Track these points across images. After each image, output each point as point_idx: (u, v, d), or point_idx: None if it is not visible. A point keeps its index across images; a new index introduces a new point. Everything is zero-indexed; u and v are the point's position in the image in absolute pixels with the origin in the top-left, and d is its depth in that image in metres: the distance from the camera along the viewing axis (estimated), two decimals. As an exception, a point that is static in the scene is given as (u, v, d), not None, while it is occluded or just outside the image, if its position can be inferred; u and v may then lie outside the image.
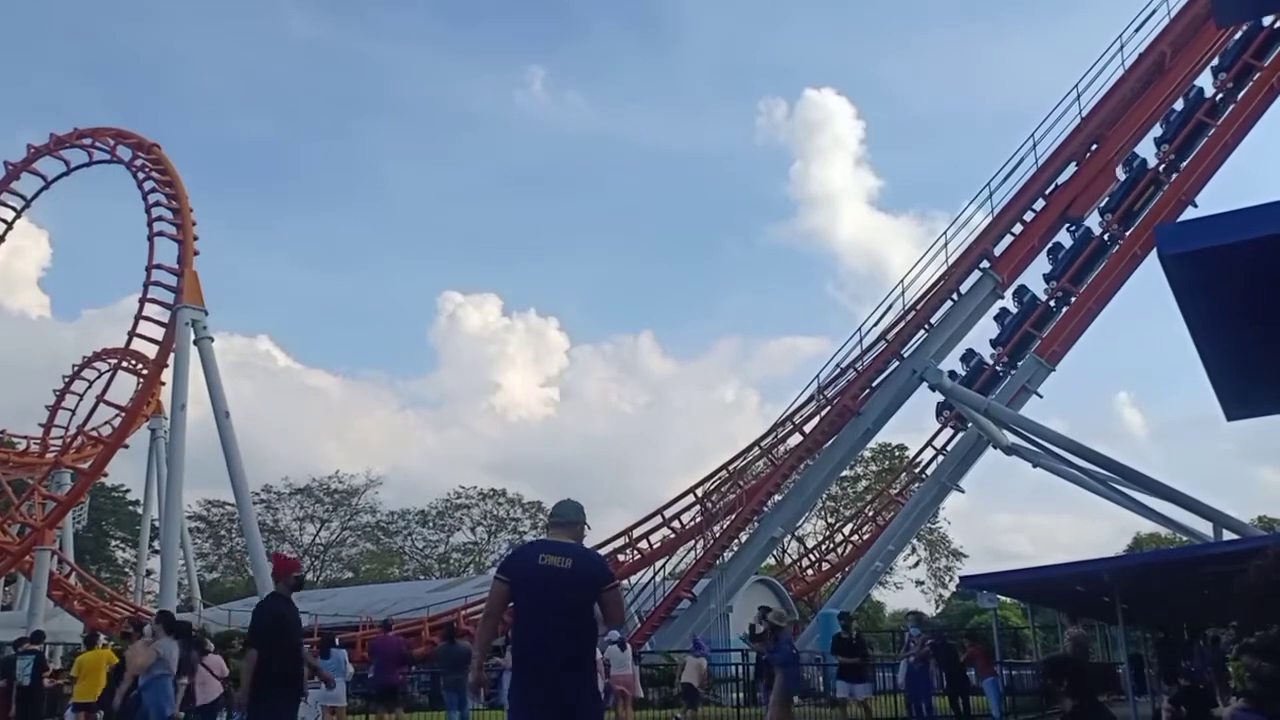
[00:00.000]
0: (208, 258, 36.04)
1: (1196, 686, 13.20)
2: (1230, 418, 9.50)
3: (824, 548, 44.04)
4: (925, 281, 28.37)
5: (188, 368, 33.73)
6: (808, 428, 29.87)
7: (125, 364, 38.70)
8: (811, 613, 35.58)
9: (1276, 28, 25.87)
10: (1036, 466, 25.62)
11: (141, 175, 37.07)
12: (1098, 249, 27.62)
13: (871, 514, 41.33)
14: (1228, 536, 20.93)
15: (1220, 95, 26.75)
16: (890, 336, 28.59)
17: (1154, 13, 27.31)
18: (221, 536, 66.34)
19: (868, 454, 52.70)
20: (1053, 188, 28.05)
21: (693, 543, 32.24)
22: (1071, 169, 27.96)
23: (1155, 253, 5.81)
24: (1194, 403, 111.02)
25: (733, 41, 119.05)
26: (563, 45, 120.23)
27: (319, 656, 14.68)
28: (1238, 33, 25.85)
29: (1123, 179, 27.61)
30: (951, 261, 27.85)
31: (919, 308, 28.14)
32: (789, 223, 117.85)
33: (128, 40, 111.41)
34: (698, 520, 32.40)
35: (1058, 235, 28.35)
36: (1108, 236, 27.72)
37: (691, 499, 33.69)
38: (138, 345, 36.37)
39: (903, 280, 28.72)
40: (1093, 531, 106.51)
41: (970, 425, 27.68)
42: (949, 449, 31.03)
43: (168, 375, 35.77)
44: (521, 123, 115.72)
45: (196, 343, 34.18)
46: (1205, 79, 27.38)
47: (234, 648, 22.94)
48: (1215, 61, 27.20)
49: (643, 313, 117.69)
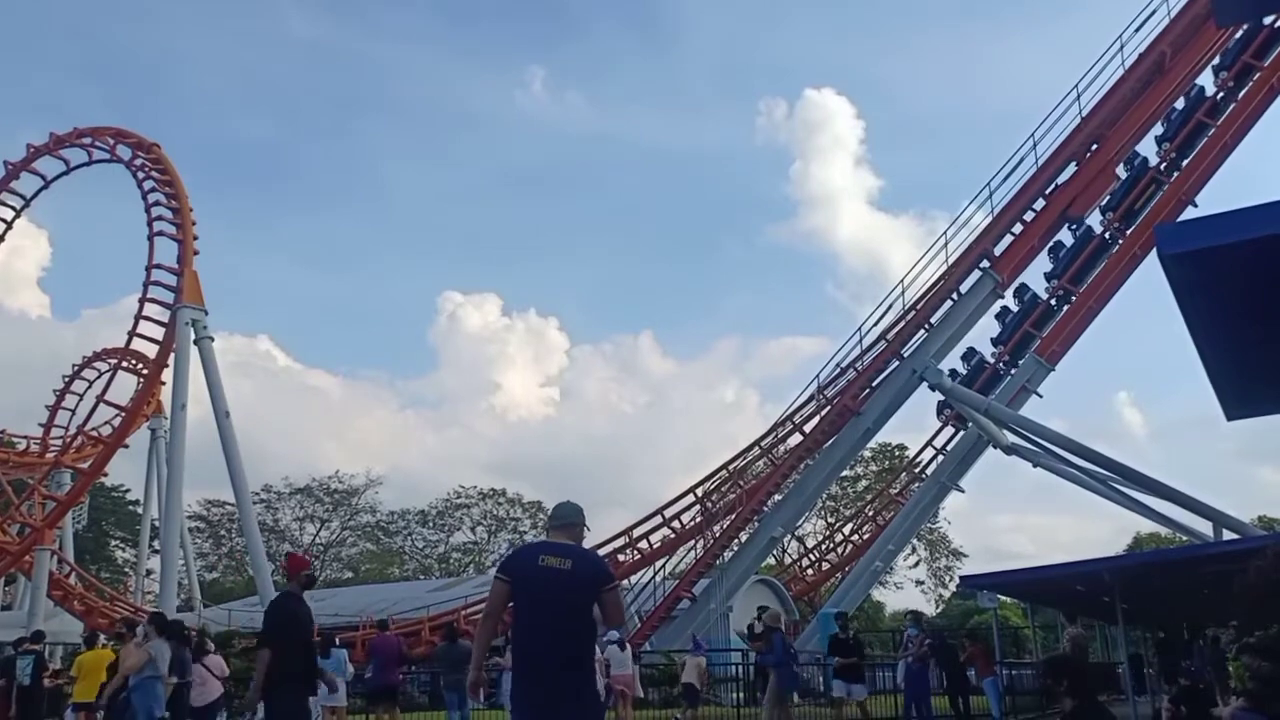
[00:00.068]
0: (208, 257, 36.06)
1: (1196, 686, 13.19)
2: (1230, 417, 9.52)
3: (824, 547, 44.05)
4: (925, 281, 28.45)
5: (188, 367, 33.69)
6: (808, 427, 29.87)
7: (125, 364, 38.67)
8: (812, 612, 35.60)
9: (1276, 27, 25.87)
10: (1036, 466, 25.67)
11: (141, 175, 37.01)
12: (1098, 248, 27.62)
13: (871, 514, 41.33)
14: (1228, 536, 20.95)
15: (1220, 95, 26.77)
16: (890, 336, 28.59)
17: (1154, 13, 27.36)
18: (221, 536, 66.32)
19: (868, 454, 52.70)
20: (1053, 187, 28.06)
21: (693, 543, 32.23)
22: (1071, 169, 27.96)
23: (1155, 252, 5.81)
24: (1194, 403, 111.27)
25: (733, 41, 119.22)
26: (563, 45, 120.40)
27: (320, 656, 14.66)
28: (1238, 32, 25.85)
29: (1124, 178, 27.62)
30: (951, 261, 27.88)
31: (919, 307, 28.16)
32: (789, 223, 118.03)
33: (128, 40, 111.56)
34: (698, 520, 32.38)
35: (1059, 234, 28.37)
36: (1109, 235, 27.74)
37: (691, 499, 33.67)
38: (138, 345, 36.34)
39: (903, 280, 28.80)
40: (1093, 531, 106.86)
41: (970, 425, 27.70)
42: (949, 449, 31.07)
43: (168, 375, 35.74)
44: (521, 123, 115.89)
45: (196, 342, 34.14)
46: (1206, 78, 27.43)
47: (234, 647, 23.07)
48: (1215, 61, 27.21)
49: (643, 313, 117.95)
